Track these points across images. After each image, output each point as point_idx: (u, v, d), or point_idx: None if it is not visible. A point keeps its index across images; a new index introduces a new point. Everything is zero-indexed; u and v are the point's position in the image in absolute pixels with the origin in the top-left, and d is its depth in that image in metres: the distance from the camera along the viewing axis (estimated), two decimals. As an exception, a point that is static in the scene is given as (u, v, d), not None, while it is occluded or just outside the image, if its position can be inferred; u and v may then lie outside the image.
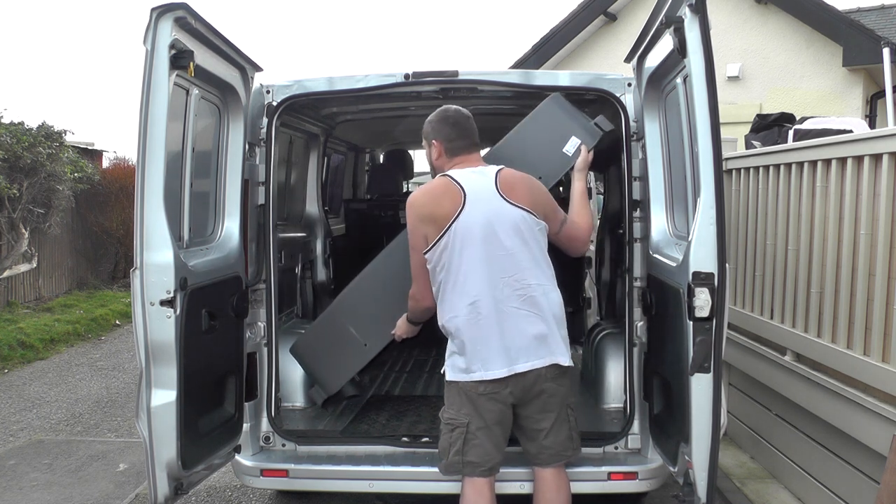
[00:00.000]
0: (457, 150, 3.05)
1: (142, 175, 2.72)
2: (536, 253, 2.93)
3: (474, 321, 2.87)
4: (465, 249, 2.87)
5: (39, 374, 7.52)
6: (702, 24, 2.56)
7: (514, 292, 2.87)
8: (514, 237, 2.88)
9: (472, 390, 2.90)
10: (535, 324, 2.88)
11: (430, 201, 2.95)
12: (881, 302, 3.24)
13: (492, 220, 2.87)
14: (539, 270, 2.92)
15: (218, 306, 3.12)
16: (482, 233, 2.86)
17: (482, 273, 2.86)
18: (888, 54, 9.08)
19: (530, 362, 2.86)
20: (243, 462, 3.48)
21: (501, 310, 2.86)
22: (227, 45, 3.18)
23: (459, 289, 2.89)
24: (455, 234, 2.87)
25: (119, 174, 12.30)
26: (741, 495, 4.23)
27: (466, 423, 2.93)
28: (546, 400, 2.95)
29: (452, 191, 2.92)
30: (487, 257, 2.86)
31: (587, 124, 3.41)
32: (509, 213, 2.89)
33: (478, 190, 2.91)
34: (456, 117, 3.08)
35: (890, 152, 3.20)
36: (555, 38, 11.58)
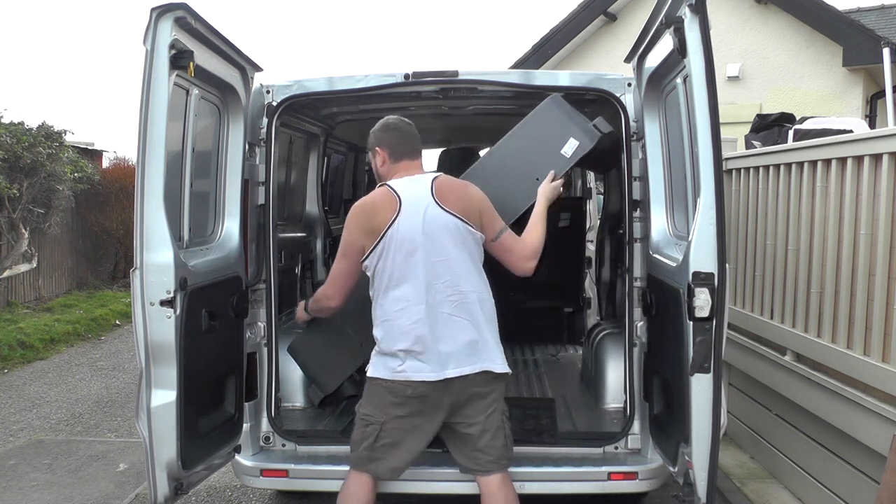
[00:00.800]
0: (399, 155, 3.10)
1: (142, 175, 2.72)
2: (470, 260, 2.96)
3: (408, 325, 2.89)
4: (399, 255, 2.90)
5: (39, 374, 7.52)
6: (702, 24, 2.56)
7: (447, 298, 2.90)
8: (448, 243, 2.91)
9: (400, 391, 2.91)
10: (467, 330, 2.91)
11: (368, 212, 3.00)
12: (881, 302, 3.24)
13: (426, 227, 2.90)
14: (473, 277, 2.95)
15: (218, 306, 3.12)
16: (416, 239, 2.90)
17: (416, 278, 2.89)
18: (888, 54, 9.08)
19: (460, 368, 2.88)
20: (243, 462, 3.48)
21: (434, 315, 2.88)
22: (226, 45, 3.18)
23: (392, 294, 2.92)
24: (390, 241, 2.91)
25: (119, 174, 12.30)
26: (741, 495, 4.23)
27: (382, 422, 2.95)
28: (478, 404, 2.97)
29: (389, 200, 2.96)
30: (421, 263, 2.89)
31: (586, 126, 3.39)
32: (443, 219, 2.92)
33: (413, 197, 2.95)
34: (397, 124, 3.15)
35: (890, 152, 3.20)
36: (555, 38, 11.58)
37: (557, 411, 3.99)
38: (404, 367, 2.89)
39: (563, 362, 5.27)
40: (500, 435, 3.01)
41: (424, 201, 2.94)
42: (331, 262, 5.15)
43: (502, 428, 3.02)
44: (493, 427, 2.99)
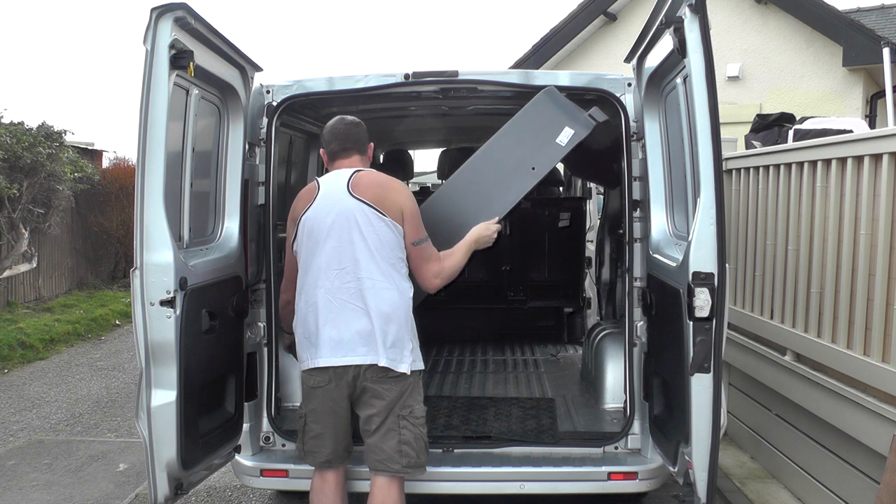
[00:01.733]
0: (332, 154, 3.16)
1: (142, 175, 2.72)
2: (373, 246, 2.93)
3: (309, 311, 2.95)
4: (309, 242, 2.98)
5: (39, 374, 7.51)
6: (702, 24, 2.56)
7: (344, 284, 2.92)
8: (352, 229, 2.93)
9: (307, 381, 3.01)
10: (360, 318, 2.90)
11: (295, 202, 3.12)
12: (881, 302, 3.24)
13: (334, 214, 2.95)
14: (373, 264, 2.92)
15: (218, 306, 3.12)
16: (324, 225, 2.95)
17: (319, 264, 2.95)
18: (888, 54, 9.08)
19: (348, 357, 2.89)
20: (243, 462, 3.48)
21: (331, 301, 2.91)
22: (226, 45, 3.18)
23: (301, 279, 3.02)
24: (303, 228, 3.01)
25: (119, 174, 12.31)
26: (741, 495, 4.23)
27: (304, 414, 3.04)
28: (369, 401, 2.95)
29: (310, 190, 3.09)
30: (325, 249, 2.94)
31: (580, 116, 3.43)
32: (350, 205, 2.95)
33: (331, 187, 3.03)
34: (332, 125, 3.19)
35: (890, 152, 3.20)
36: (555, 38, 11.58)
37: (557, 411, 3.99)
38: (305, 356, 2.98)
39: (563, 362, 5.27)
40: (393, 438, 2.93)
41: (340, 191, 3.00)
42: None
43: (396, 432, 2.93)
44: (386, 428, 2.93)
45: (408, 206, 3.02)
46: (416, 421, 2.98)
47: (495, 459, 3.40)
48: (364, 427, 2.99)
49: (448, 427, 3.77)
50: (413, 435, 2.96)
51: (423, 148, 7.69)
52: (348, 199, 2.97)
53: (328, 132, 3.18)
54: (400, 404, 2.95)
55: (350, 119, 3.21)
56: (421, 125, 5.35)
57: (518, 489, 3.30)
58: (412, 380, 2.98)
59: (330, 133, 3.18)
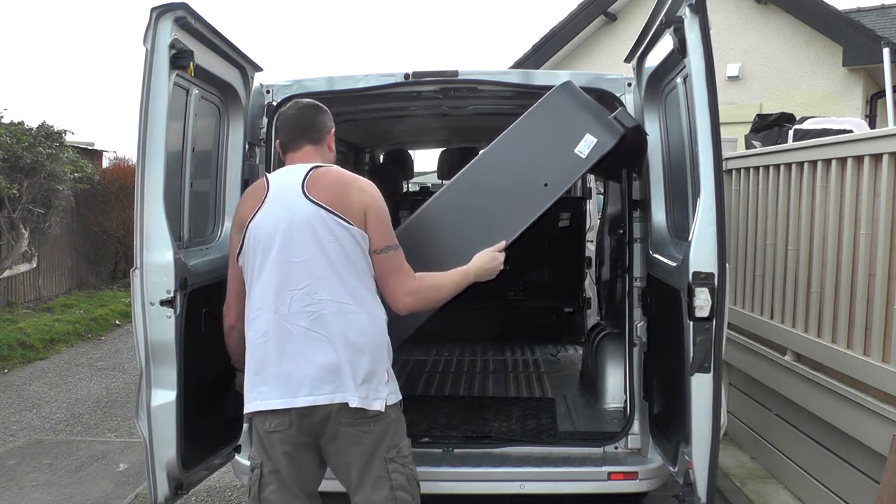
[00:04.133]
0: (282, 145, 2.64)
1: (142, 175, 2.72)
2: (336, 261, 2.41)
3: (257, 340, 2.43)
4: (258, 252, 2.46)
5: (39, 374, 7.51)
6: (702, 24, 2.56)
7: (303, 308, 2.39)
8: (309, 241, 2.40)
9: (260, 425, 2.45)
10: (324, 350, 2.37)
11: (240, 204, 2.64)
12: (881, 302, 3.24)
13: (287, 221, 2.43)
14: (337, 283, 2.40)
15: (218, 306, 3.12)
16: (274, 235, 2.43)
17: (269, 283, 2.42)
18: (888, 54, 9.08)
19: (312, 397, 2.35)
20: (243, 462, 3.48)
21: (286, 328, 2.39)
22: (226, 44, 3.18)
23: (249, 300, 2.49)
24: (249, 236, 2.48)
25: (119, 174, 12.31)
26: (741, 495, 4.23)
27: (260, 465, 2.49)
28: (344, 447, 2.43)
29: (258, 189, 2.56)
30: (277, 264, 2.42)
31: (604, 119, 2.89)
32: (305, 210, 2.42)
33: (281, 187, 2.50)
34: (285, 109, 2.69)
35: (890, 152, 3.20)
36: (555, 38, 11.58)
37: (557, 411, 3.99)
38: (255, 395, 2.43)
39: (563, 362, 5.27)
40: (384, 487, 2.42)
41: (292, 191, 2.46)
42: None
43: (386, 478, 2.43)
44: (374, 477, 2.43)
45: (372, 207, 2.48)
46: (405, 460, 2.51)
47: (495, 459, 3.40)
48: (342, 479, 2.53)
49: (448, 427, 3.77)
50: (405, 477, 2.48)
51: (423, 148, 7.69)
52: (303, 202, 2.43)
53: (278, 119, 2.69)
54: (384, 446, 2.45)
55: (304, 102, 2.68)
56: (421, 125, 5.35)
57: (518, 489, 3.30)
58: (394, 415, 2.48)
59: (279, 120, 2.69)
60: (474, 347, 5.70)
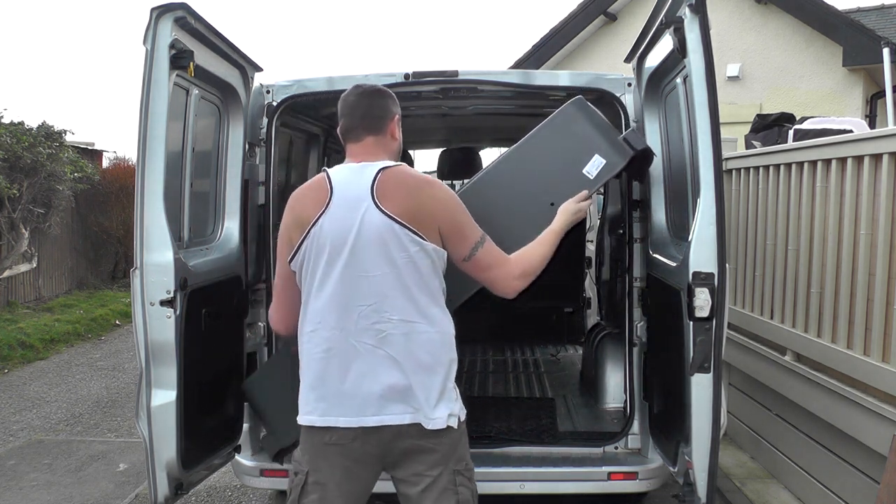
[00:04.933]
0: (343, 135, 2.47)
1: (142, 175, 2.72)
2: (408, 278, 2.28)
3: (317, 355, 2.31)
4: (318, 264, 2.30)
5: (39, 374, 7.52)
6: (702, 24, 2.56)
7: (371, 326, 2.27)
8: (380, 256, 2.26)
9: (315, 437, 2.32)
10: (391, 371, 2.26)
11: (296, 201, 2.42)
12: (881, 302, 3.24)
13: (356, 232, 2.27)
14: (408, 301, 2.28)
15: (218, 306, 3.12)
16: (341, 247, 2.27)
17: (333, 297, 2.28)
18: (888, 54, 9.08)
19: (380, 416, 2.26)
20: (243, 462, 3.48)
21: (352, 345, 2.27)
22: (226, 45, 3.18)
23: (308, 310, 2.34)
24: (311, 243, 2.31)
25: (119, 174, 12.31)
26: (741, 495, 4.23)
27: (306, 472, 2.35)
28: (416, 458, 2.32)
29: (320, 189, 2.36)
30: (343, 278, 2.27)
31: (615, 139, 2.86)
32: (377, 223, 2.26)
33: (347, 190, 2.32)
34: (345, 96, 2.49)
35: (890, 152, 3.20)
36: (555, 38, 11.58)
37: (557, 411, 4.00)
38: (314, 409, 2.32)
39: (563, 362, 5.27)
40: (450, 500, 2.33)
41: (361, 198, 2.29)
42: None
43: (453, 491, 2.33)
44: (441, 488, 2.32)
45: (447, 216, 2.34)
46: (471, 474, 2.41)
47: (495, 459, 3.40)
48: (407, 492, 2.36)
49: None
50: (470, 492, 2.37)
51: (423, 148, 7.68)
52: (375, 213, 2.26)
53: (339, 104, 2.50)
54: (455, 458, 2.34)
55: (365, 87, 2.49)
56: (421, 125, 5.35)
57: (518, 489, 3.30)
58: (462, 428, 2.39)
59: (339, 107, 2.49)
60: (474, 347, 5.71)
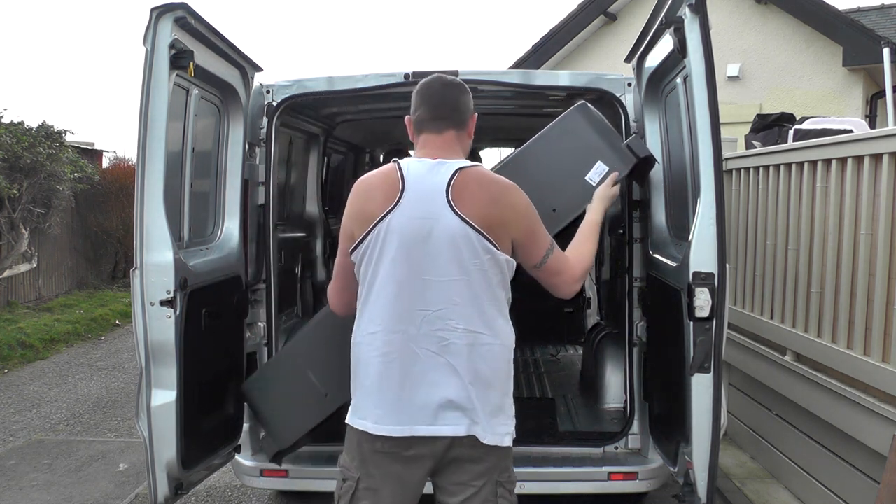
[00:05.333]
0: (420, 125, 2.36)
1: (142, 175, 2.72)
2: (478, 287, 2.19)
3: (375, 358, 2.22)
4: (382, 262, 2.20)
5: (39, 374, 7.51)
6: (702, 24, 2.56)
7: (433, 332, 2.17)
8: (451, 262, 2.17)
9: (368, 443, 2.23)
10: (450, 380, 2.18)
11: (364, 192, 2.30)
12: (881, 302, 3.24)
13: (428, 234, 2.17)
14: (475, 311, 2.19)
15: (218, 306, 3.12)
16: (410, 248, 2.17)
17: (397, 298, 2.19)
18: (888, 54, 9.08)
19: (437, 426, 2.18)
20: (243, 462, 3.48)
21: (412, 351, 2.18)
22: (226, 45, 3.18)
23: (368, 310, 2.24)
24: (378, 239, 2.20)
25: (119, 174, 12.31)
26: (741, 495, 4.23)
27: (356, 479, 2.26)
28: (463, 468, 2.26)
29: (390, 182, 2.23)
30: (409, 279, 2.18)
31: (618, 146, 2.86)
32: (452, 227, 2.16)
33: (422, 187, 2.21)
34: (429, 82, 2.39)
35: (890, 152, 3.20)
36: (555, 38, 11.58)
37: (557, 411, 4.00)
38: (369, 414, 2.23)
39: (563, 362, 5.27)
40: None
41: (433, 195, 2.19)
42: (331, 263, 5.20)
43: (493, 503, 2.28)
44: (480, 500, 2.26)
45: (522, 224, 2.27)
46: (512, 486, 2.35)
47: (495, 459, 3.40)
48: (443, 498, 2.32)
49: None
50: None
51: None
52: (449, 215, 2.16)
53: (417, 92, 2.39)
54: (499, 469, 2.29)
55: (450, 79, 2.39)
56: (421, 125, 5.34)
57: (518, 489, 3.28)
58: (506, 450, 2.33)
59: (420, 94, 2.37)
60: None
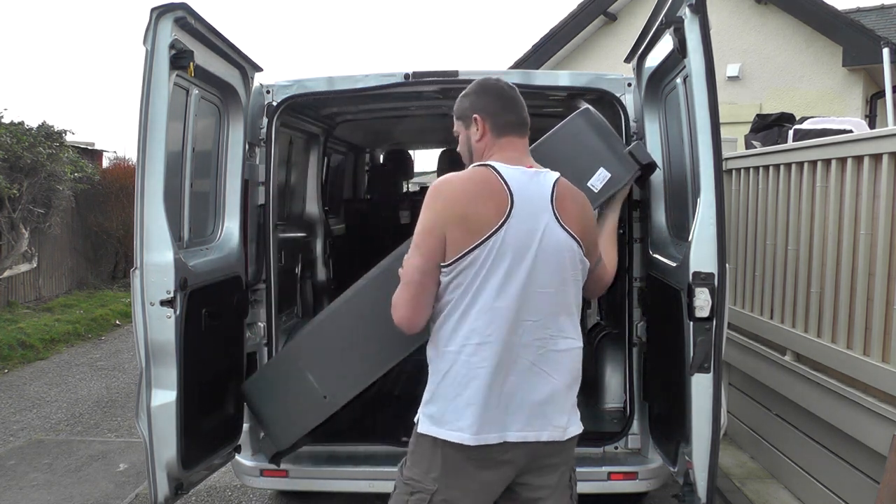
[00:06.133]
0: (504, 127, 2.33)
1: (142, 175, 2.72)
2: (572, 296, 2.28)
3: (483, 367, 2.18)
4: (495, 274, 2.17)
5: (39, 374, 7.52)
6: (702, 24, 2.56)
7: (535, 341, 2.21)
8: (556, 273, 2.22)
9: (459, 453, 2.21)
10: (547, 386, 2.24)
11: (465, 199, 2.18)
12: (881, 302, 3.24)
13: (538, 244, 2.19)
14: (568, 318, 2.28)
15: (218, 306, 3.12)
16: (521, 257, 2.17)
17: (508, 309, 2.17)
18: (888, 54, 9.08)
19: (536, 432, 2.22)
20: (243, 462, 3.48)
21: (515, 361, 2.20)
22: (226, 45, 3.18)
23: (469, 321, 2.19)
24: (491, 251, 2.15)
25: (119, 174, 12.31)
26: (741, 495, 4.23)
27: (432, 492, 2.22)
28: (552, 467, 2.32)
29: (497, 191, 2.18)
30: (518, 292, 2.18)
31: (621, 152, 2.85)
32: (559, 239, 2.21)
33: (528, 198, 2.20)
34: (500, 86, 2.37)
35: (890, 152, 3.20)
36: (555, 38, 11.59)
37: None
38: (465, 427, 2.18)
39: None
40: (565, 496, 2.36)
41: (542, 209, 2.20)
42: (331, 263, 5.20)
43: (568, 486, 2.37)
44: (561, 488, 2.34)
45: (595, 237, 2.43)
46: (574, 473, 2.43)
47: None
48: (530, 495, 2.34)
49: None
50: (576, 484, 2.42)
51: (424, 148, 7.70)
52: (556, 228, 2.20)
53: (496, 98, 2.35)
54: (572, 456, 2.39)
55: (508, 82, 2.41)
56: (421, 125, 5.35)
57: (518, 489, 3.30)
58: None
59: (500, 100, 2.35)
60: None
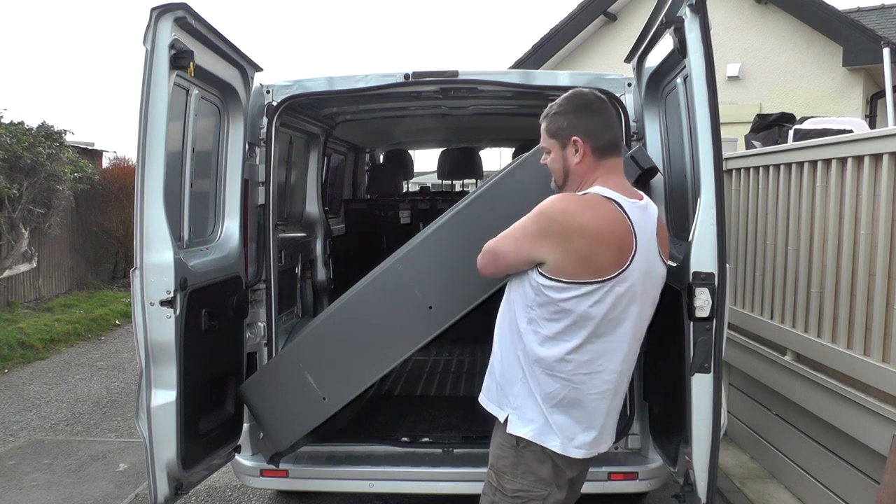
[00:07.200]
0: (605, 149, 2.27)
1: (142, 175, 2.72)
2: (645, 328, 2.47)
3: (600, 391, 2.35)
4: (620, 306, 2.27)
5: (39, 374, 7.52)
6: (702, 24, 2.55)
7: (629, 368, 2.44)
8: (651, 304, 2.41)
9: (569, 465, 2.41)
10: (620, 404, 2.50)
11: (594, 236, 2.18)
12: (881, 302, 3.24)
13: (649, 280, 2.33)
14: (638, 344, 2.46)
15: (218, 306, 3.12)
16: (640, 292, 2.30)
17: (624, 339, 2.33)
18: (888, 54, 9.08)
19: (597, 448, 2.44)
20: (243, 462, 3.48)
21: (622, 387, 2.43)
22: (226, 45, 3.18)
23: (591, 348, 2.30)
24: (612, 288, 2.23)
25: (119, 174, 12.32)
26: (741, 495, 4.23)
27: (544, 496, 2.37)
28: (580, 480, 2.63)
29: (624, 228, 2.18)
30: (635, 323, 2.35)
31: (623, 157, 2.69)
32: (661, 274, 2.38)
33: (644, 232, 2.25)
34: (598, 103, 2.28)
35: (890, 152, 3.20)
36: (555, 38, 11.58)
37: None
38: (581, 443, 2.37)
39: None
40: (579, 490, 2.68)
41: (653, 245, 2.30)
42: (331, 263, 5.19)
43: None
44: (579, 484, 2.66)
45: None
46: None
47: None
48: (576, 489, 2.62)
49: (448, 427, 3.77)
50: None
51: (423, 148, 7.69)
52: (661, 265, 2.35)
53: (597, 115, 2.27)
54: None
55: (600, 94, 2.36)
56: (421, 125, 5.35)
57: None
58: None
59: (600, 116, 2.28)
60: (474, 348, 5.70)
